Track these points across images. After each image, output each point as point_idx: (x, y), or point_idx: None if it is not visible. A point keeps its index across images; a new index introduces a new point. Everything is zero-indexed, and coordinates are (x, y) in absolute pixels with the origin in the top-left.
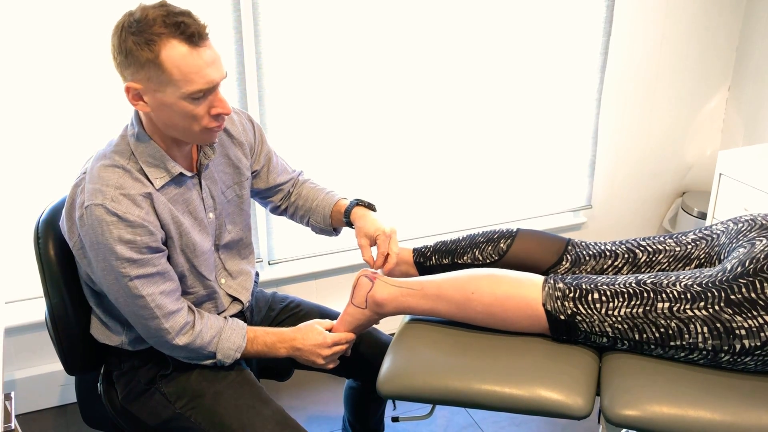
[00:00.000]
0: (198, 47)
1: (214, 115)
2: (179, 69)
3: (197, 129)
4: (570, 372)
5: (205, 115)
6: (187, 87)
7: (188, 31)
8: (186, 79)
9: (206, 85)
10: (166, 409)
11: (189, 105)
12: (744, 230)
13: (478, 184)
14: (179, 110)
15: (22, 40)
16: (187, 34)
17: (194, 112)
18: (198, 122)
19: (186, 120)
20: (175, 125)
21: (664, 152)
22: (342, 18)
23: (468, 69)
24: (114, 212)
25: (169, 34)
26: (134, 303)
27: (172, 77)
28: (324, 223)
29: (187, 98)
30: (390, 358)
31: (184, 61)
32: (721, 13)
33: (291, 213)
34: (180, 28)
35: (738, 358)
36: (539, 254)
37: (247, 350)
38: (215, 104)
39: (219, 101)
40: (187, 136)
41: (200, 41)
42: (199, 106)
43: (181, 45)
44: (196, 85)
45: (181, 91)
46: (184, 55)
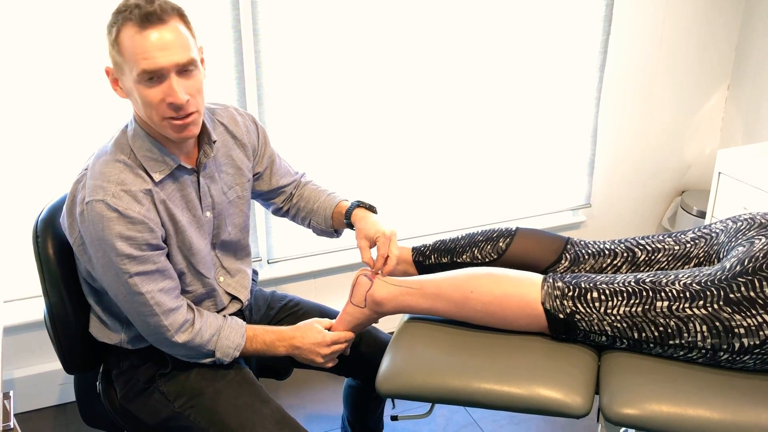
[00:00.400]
0: (147, 29)
1: (169, 103)
2: (128, 50)
3: (157, 119)
4: (569, 371)
5: (159, 103)
6: (134, 68)
7: (141, 13)
8: (133, 59)
9: (149, 66)
10: (166, 408)
11: (143, 90)
12: (743, 229)
13: (478, 182)
14: (138, 97)
15: (21, 39)
16: (139, 16)
17: (148, 98)
18: (155, 111)
19: (146, 109)
20: (143, 114)
21: (664, 151)
22: (341, 17)
23: (467, 68)
24: (115, 208)
25: (126, 17)
26: (134, 300)
27: (124, 58)
28: (325, 224)
29: (139, 82)
30: (389, 356)
31: (131, 42)
32: (720, 12)
33: (293, 215)
34: (137, 9)
35: (737, 356)
36: (538, 253)
37: (246, 349)
38: (167, 91)
39: (170, 88)
40: (156, 127)
41: (151, 23)
42: (151, 92)
43: (133, 26)
44: (139, 66)
45: (132, 73)
46: (132, 35)
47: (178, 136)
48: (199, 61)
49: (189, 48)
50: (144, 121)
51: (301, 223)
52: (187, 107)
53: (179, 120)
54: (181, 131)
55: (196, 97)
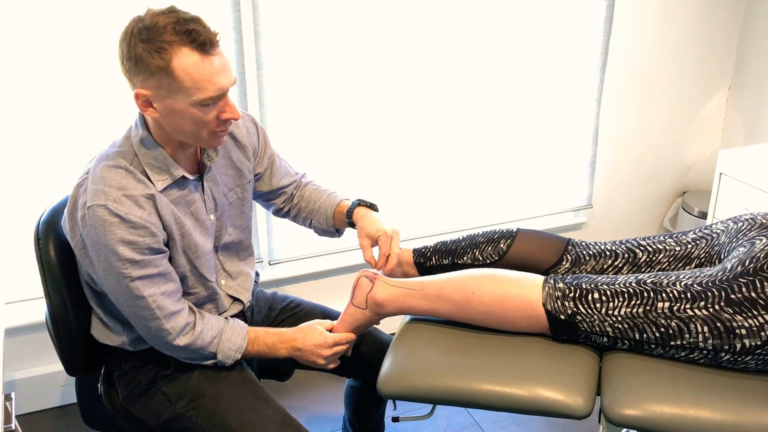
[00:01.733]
0: (209, 55)
1: (226, 120)
2: (191, 77)
3: (205, 134)
4: (570, 372)
5: (213, 120)
6: (199, 95)
7: (199, 39)
8: (197, 87)
9: (217, 92)
10: (167, 410)
11: (199, 111)
12: (744, 229)
13: (478, 184)
14: (189, 116)
15: (23, 41)
16: (198, 42)
17: (204, 118)
18: (206, 127)
19: (195, 125)
20: (183, 130)
21: (665, 152)
22: (342, 18)
23: (468, 69)
24: (116, 213)
25: (180, 42)
26: (135, 304)
27: (183, 85)
28: (326, 224)
29: (197, 105)
30: (390, 358)
31: (196, 69)
32: (721, 13)
33: (294, 215)
34: (191, 35)
35: (738, 357)
36: (539, 254)
37: (247, 351)
38: (225, 110)
39: (229, 107)
40: (194, 140)
41: (211, 49)
42: (209, 113)
43: (192, 53)
44: (207, 93)
45: (192, 98)
46: (196, 63)
47: (216, 144)
48: None
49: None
50: (160, 132)
51: (302, 224)
52: None
53: (225, 131)
54: (221, 139)
55: None
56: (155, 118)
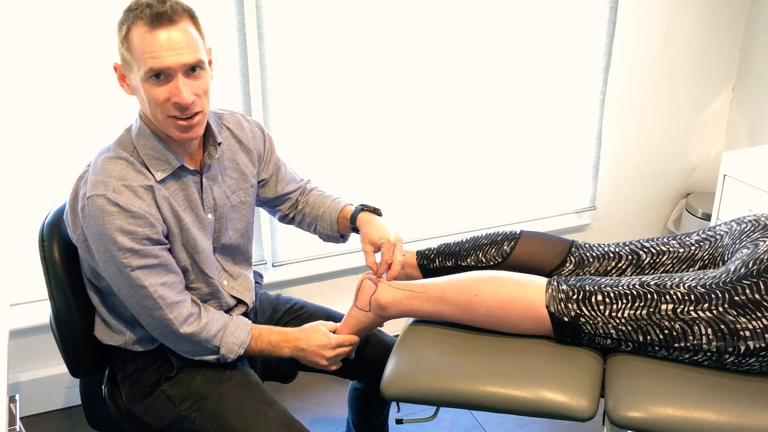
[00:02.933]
0: (157, 28)
1: (175, 103)
2: (137, 48)
3: (162, 118)
4: (574, 374)
5: (165, 102)
6: (142, 66)
7: (152, 12)
8: (140, 58)
9: (157, 65)
10: (171, 411)
11: (150, 88)
12: (747, 231)
13: (482, 186)
14: (144, 94)
15: (27, 45)
16: (150, 15)
17: (154, 96)
18: (160, 109)
19: (151, 107)
20: (147, 112)
21: (668, 153)
22: (346, 21)
23: (472, 72)
24: (116, 202)
25: (137, 15)
26: (137, 294)
27: (132, 56)
28: (331, 229)
29: (146, 80)
30: (394, 360)
31: (141, 41)
32: (724, 14)
33: (299, 221)
34: (149, 9)
35: (743, 359)
36: (543, 256)
37: (250, 347)
38: (173, 91)
39: (176, 88)
40: (160, 125)
41: (161, 23)
42: (158, 91)
43: (143, 25)
44: (147, 64)
45: (140, 72)
46: (142, 34)
47: (182, 136)
48: (207, 62)
49: (197, 49)
50: (149, 120)
51: (307, 229)
52: (192, 107)
53: (184, 120)
54: (185, 131)
55: (202, 98)
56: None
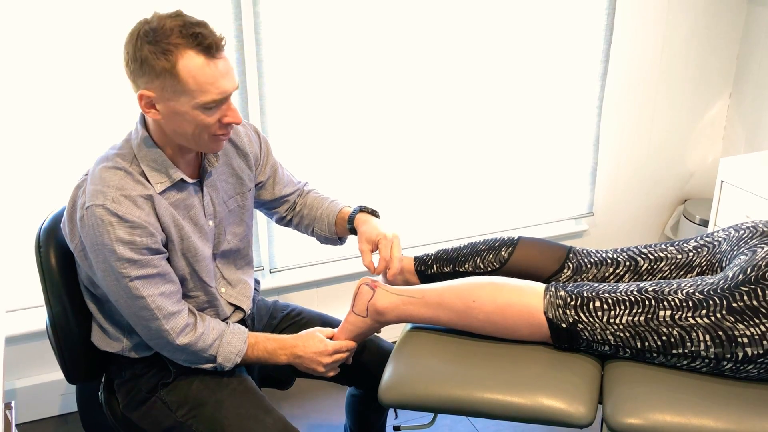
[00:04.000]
0: (214, 59)
1: (227, 123)
2: (195, 79)
3: (206, 137)
4: (572, 380)
5: (215, 123)
6: (202, 97)
7: (205, 43)
8: (201, 89)
9: (220, 95)
10: (168, 418)
11: (201, 114)
12: (745, 237)
13: (480, 192)
14: (191, 119)
15: (25, 51)
16: (204, 46)
17: (206, 121)
18: (208, 130)
19: (197, 128)
20: (184, 133)
21: (666, 160)
22: (344, 26)
23: (470, 79)
24: (115, 213)
25: (186, 45)
26: (135, 304)
27: (187, 87)
28: (329, 231)
29: (200, 108)
30: (391, 366)
31: (201, 72)
32: (721, 21)
33: (296, 223)
34: (197, 39)
35: (741, 366)
36: (541, 262)
37: (247, 355)
38: (227, 114)
39: (231, 111)
40: (194, 143)
41: (216, 53)
42: (212, 116)
43: (197, 56)
44: (210, 96)
45: (196, 101)
46: (201, 66)
47: (216, 148)
48: None
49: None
50: (160, 133)
51: (304, 232)
52: None
53: (226, 135)
54: (221, 144)
55: None
56: (157, 120)
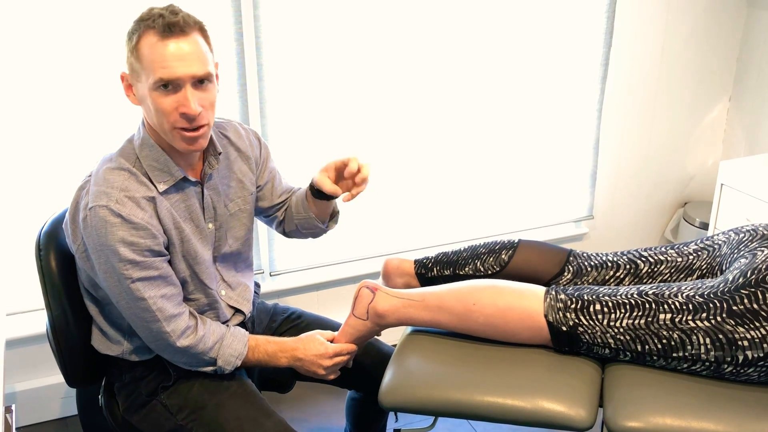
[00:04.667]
0: (168, 38)
1: (182, 113)
2: (146, 57)
3: (168, 128)
4: (572, 383)
5: (172, 111)
6: (151, 75)
7: (164, 22)
8: (150, 67)
9: (166, 75)
10: (168, 421)
11: (157, 98)
12: (745, 240)
13: (480, 195)
14: (151, 104)
15: (25, 53)
16: (162, 25)
17: (161, 106)
18: (167, 119)
19: (158, 116)
20: (153, 122)
21: (666, 162)
22: (344, 30)
23: (470, 80)
24: (118, 214)
25: (148, 26)
26: (136, 306)
27: (142, 66)
28: (303, 207)
29: (154, 89)
30: (392, 369)
31: (151, 50)
32: (721, 24)
33: (287, 223)
34: (160, 19)
35: (741, 369)
36: (541, 265)
37: (248, 358)
38: (181, 101)
39: (184, 98)
40: (166, 136)
41: (172, 33)
42: (166, 101)
43: (154, 35)
44: (156, 74)
45: (148, 81)
46: (153, 44)
47: (187, 148)
48: (214, 76)
49: (206, 62)
50: (154, 131)
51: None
52: (199, 119)
53: (190, 132)
54: (191, 143)
55: (209, 110)
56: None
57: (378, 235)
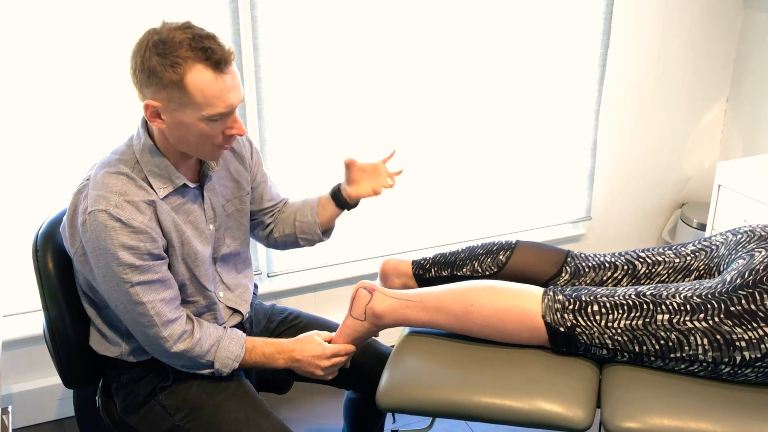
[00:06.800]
0: (222, 73)
1: (231, 135)
2: (203, 93)
3: (209, 147)
4: (570, 384)
5: (219, 134)
6: (209, 110)
7: (214, 57)
8: (208, 103)
9: (227, 109)
10: (166, 422)
11: (206, 126)
12: (743, 241)
13: (478, 195)
14: (196, 130)
15: (25, 55)
16: (213, 60)
17: (210, 132)
18: (211, 141)
19: (200, 139)
20: (187, 142)
21: (663, 163)
22: (342, 32)
23: (467, 82)
24: (118, 218)
25: (195, 59)
26: (134, 310)
27: (194, 100)
28: (310, 212)
29: (205, 120)
30: (389, 370)
31: (208, 87)
32: (718, 25)
33: (277, 227)
34: (207, 53)
35: (738, 369)
36: (538, 266)
37: (245, 360)
38: (232, 126)
39: (236, 123)
40: (196, 152)
41: (225, 67)
42: (216, 128)
43: (206, 70)
44: (217, 109)
45: (202, 113)
46: (209, 80)
47: (216, 157)
48: None
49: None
50: (164, 142)
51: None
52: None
53: (229, 145)
54: (221, 153)
55: None
56: (161, 129)
57: (376, 236)
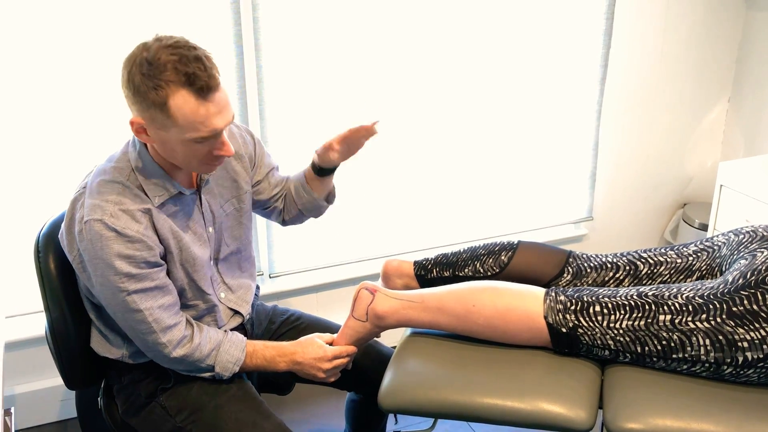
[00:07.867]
0: (207, 100)
1: (218, 155)
2: (185, 117)
3: (196, 164)
4: (572, 385)
5: (206, 154)
6: (192, 134)
7: (198, 84)
8: (191, 127)
9: (210, 133)
10: (167, 423)
11: (191, 146)
12: (745, 242)
13: (480, 196)
14: (181, 150)
15: (25, 57)
16: (196, 87)
17: (197, 153)
18: (197, 158)
19: (187, 157)
20: (175, 158)
21: (665, 164)
22: (343, 32)
23: (469, 82)
24: (113, 227)
25: (178, 83)
26: (132, 317)
27: (176, 123)
28: (304, 191)
29: (188, 142)
30: (391, 371)
31: (192, 112)
32: (720, 25)
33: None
34: (190, 79)
35: (741, 370)
36: (540, 266)
37: (246, 364)
38: (218, 147)
39: (222, 144)
40: (185, 167)
41: (210, 93)
42: (202, 147)
43: (189, 96)
44: (200, 133)
45: (185, 136)
46: (192, 106)
47: (207, 171)
48: None
49: (229, 101)
50: (155, 151)
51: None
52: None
53: (219, 163)
54: (213, 168)
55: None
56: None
57: (377, 237)
